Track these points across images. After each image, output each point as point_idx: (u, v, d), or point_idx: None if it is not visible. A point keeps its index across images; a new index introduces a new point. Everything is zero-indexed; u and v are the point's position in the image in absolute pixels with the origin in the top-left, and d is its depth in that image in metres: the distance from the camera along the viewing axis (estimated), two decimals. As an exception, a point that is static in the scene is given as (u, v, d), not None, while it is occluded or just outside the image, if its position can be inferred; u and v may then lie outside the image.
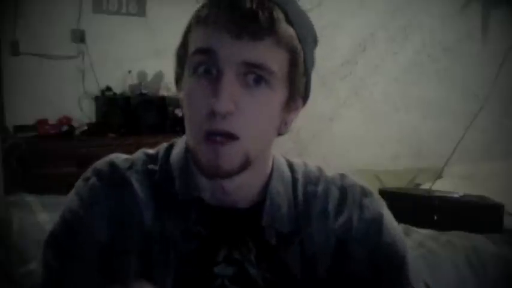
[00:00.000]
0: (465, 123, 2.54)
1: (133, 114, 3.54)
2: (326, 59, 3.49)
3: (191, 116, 0.66)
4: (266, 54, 0.63)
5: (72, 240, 0.71)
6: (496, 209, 1.95)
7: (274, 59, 0.63)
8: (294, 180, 0.75)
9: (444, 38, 2.84)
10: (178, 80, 0.70)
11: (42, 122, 3.31)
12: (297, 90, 0.69)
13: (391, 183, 2.58)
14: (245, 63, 0.62)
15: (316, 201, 0.74)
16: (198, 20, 0.65)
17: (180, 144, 0.76)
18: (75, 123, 3.43)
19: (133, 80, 3.70)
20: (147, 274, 0.69)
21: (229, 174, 0.66)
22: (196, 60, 0.64)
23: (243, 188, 0.71)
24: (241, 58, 0.62)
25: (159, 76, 3.79)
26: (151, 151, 0.78)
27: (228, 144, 0.64)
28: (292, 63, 0.66)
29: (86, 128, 3.46)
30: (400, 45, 3.04)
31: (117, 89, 3.63)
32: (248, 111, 0.63)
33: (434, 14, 2.86)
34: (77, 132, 3.43)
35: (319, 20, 3.41)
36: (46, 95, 3.39)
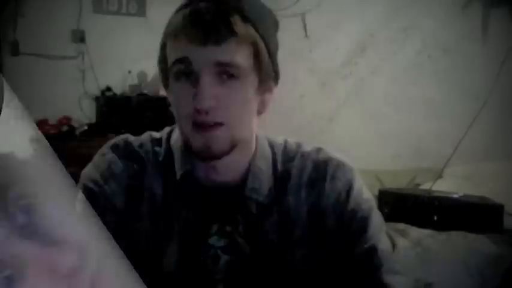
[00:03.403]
0: (465, 123, 2.55)
1: (133, 114, 3.54)
2: (326, 59, 3.49)
3: (180, 113, 0.78)
4: (231, 52, 0.73)
5: (94, 205, 0.76)
6: (496, 209, 1.96)
7: (239, 55, 0.74)
8: (274, 158, 0.85)
9: (444, 39, 2.84)
10: (166, 86, 0.82)
11: (42, 122, 3.31)
12: (266, 74, 0.79)
13: (391, 183, 2.58)
14: (216, 63, 0.73)
15: (292, 176, 0.84)
16: (170, 37, 0.77)
17: (178, 129, 0.86)
18: (75, 123, 3.43)
19: (133, 80, 3.70)
20: (156, 241, 0.81)
21: (220, 155, 0.76)
22: (176, 69, 0.76)
23: (230, 167, 0.81)
24: (212, 60, 0.73)
25: (159, 76, 3.79)
26: (156, 134, 0.89)
27: (215, 130, 0.74)
28: (256, 54, 0.76)
29: (86, 128, 3.46)
30: (400, 46, 3.04)
31: (117, 89, 3.63)
32: (227, 102, 0.74)
33: (435, 14, 2.86)
34: (77, 132, 3.43)
35: (319, 20, 3.40)
36: (46, 95, 3.39)
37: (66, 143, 3.28)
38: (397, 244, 0.89)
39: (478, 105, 2.53)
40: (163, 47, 0.79)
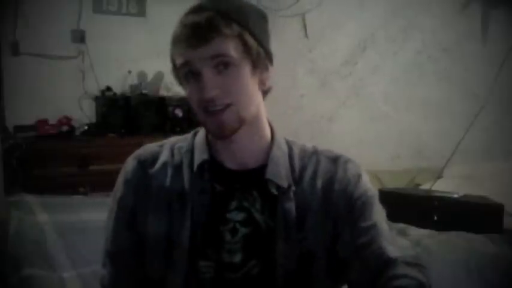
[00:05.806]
0: (465, 123, 2.54)
1: (133, 114, 3.54)
2: (326, 59, 3.49)
3: (194, 106, 0.92)
4: (220, 46, 0.87)
5: (116, 206, 0.99)
6: (496, 209, 1.95)
7: (227, 47, 0.88)
8: (291, 153, 0.99)
9: (444, 38, 2.83)
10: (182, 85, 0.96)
11: (42, 122, 3.31)
12: (257, 58, 0.92)
13: (391, 183, 2.58)
14: (211, 57, 0.88)
15: (308, 167, 0.98)
16: (173, 46, 0.92)
17: (202, 129, 1.01)
18: (75, 123, 3.43)
19: (133, 80, 3.70)
20: (167, 227, 0.94)
21: (231, 132, 0.90)
22: (183, 72, 0.91)
23: (246, 150, 0.95)
24: (206, 56, 0.87)
25: (159, 76, 3.79)
26: (181, 137, 1.04)
27: (225, 110, 0.89)
28: (244, 44, 0.90)
29: (86, 128, 3.46)
30: (400, 46, 3.04)
31: (117, 89, 3.63)
32: (228, 87, 0.89)
33: (434, 14, 2.86)
34: (77, 132, 3.43)
35: (319, 20, 3.40)
36: (46, 95, 3.39)
37: (66, 143, 3.29)
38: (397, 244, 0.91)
39: (478, 105, 2.53)
40: (171, 53, 0.94)
